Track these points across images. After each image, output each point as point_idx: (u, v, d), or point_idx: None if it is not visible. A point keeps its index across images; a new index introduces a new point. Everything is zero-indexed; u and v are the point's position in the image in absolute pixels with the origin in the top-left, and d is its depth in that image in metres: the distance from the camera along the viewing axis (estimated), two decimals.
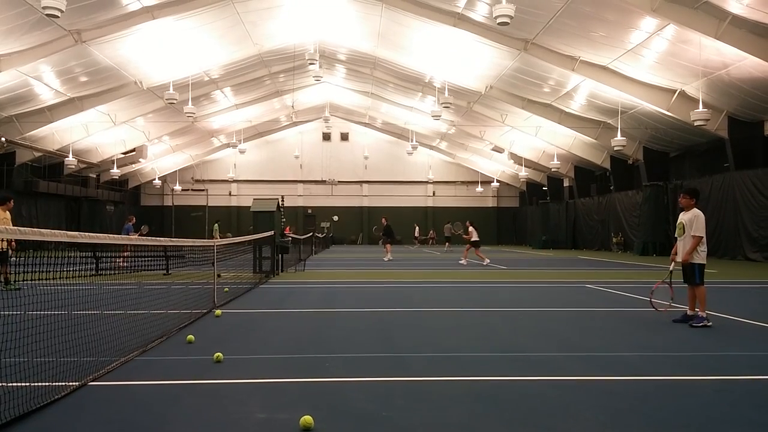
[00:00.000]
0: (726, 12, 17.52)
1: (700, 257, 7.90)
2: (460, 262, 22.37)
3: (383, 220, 27.02)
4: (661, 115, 25.62)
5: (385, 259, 24.12)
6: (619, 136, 27.31)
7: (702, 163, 29.56)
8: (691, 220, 7.89)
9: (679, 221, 8.16)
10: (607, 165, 35.37)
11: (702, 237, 7.82)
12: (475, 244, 22.31)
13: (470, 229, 22.63)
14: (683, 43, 19.75)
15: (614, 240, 34.36)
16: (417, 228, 47.37)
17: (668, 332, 7.49)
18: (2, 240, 4.86)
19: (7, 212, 12.31)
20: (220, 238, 29.05)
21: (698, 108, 21.46)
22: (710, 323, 7.73)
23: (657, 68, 22.35)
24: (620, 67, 23.10)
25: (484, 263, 21.17)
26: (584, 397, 4.63)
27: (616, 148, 28.49)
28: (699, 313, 7.83)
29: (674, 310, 8.67)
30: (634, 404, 4.40)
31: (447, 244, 39.36)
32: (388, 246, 25.47)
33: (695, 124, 22.06)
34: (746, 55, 18.69)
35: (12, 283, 9.39)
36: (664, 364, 5.77)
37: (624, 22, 19.77)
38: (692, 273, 7.90)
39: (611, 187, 36.00)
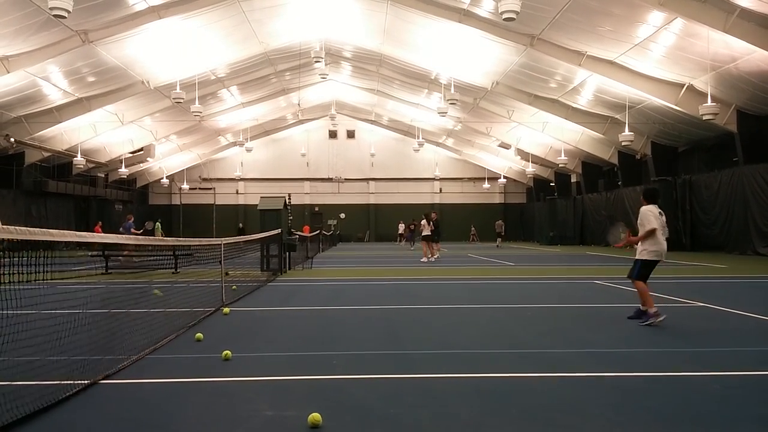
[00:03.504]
0: (734, 5, 17.39)
1: (645, 254, 7.70)
2: (424, 257, 23.17)
3: (433, 215, 24.38)
4: (669, 109, 25.45)
5: (434, 258, 23.23)
6: (626, 131, 27.18)
7: (711, 157, 29.35)
8: (641, 217, 7.78)
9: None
10: (615, 160, 35.18)
11: (653, 229, 7.58)
12: (426, 238, 23.30)
13: (422, 222, 23.36)
14: (691, 36, 19.61)
15: (622, 236, 34.15)
16: (401, 225, 43.34)
17: (676, 328, 7.45)
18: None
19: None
20: (163, 236, 28.97)
21: (707, 102, 21.30)
22: (657, 321, 7.38)
23: (665, 62, 22.22)
24: (627, 61, 22.98)
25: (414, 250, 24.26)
26: (591, 393, 4.63)
27: (623, 143, 28.33)
28: (641, 307, 7.73)
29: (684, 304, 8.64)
30: (642, 400, 4.40)
31: (499, 240, 39.10)
32: (438, 244, 24.33)
33: (704, 118, 21.91)
34: (755, 48, 18.54)
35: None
36: (671, 360, 5.75)
37: (631, 16, 19.66)
38: (633, 266, 7.83)
39: (619, 183, 35.82)
